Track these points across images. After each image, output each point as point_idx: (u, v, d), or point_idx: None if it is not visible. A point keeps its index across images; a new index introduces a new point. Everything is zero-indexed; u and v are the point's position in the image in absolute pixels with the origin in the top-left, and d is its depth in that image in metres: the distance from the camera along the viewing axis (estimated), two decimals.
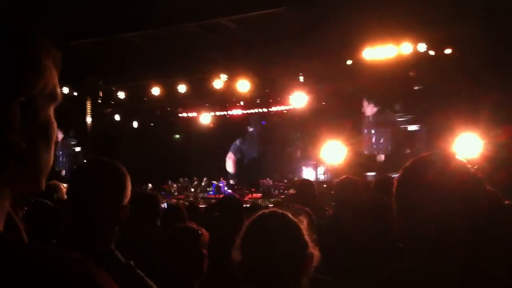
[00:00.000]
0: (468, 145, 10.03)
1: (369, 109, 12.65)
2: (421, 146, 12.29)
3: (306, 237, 1.97)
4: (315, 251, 1.95)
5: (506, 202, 3.32)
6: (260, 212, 2.04)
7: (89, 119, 15.45)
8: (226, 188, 14.94)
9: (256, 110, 17.41)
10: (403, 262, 1.50)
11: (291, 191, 13.01)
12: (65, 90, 15.30)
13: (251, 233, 1.98)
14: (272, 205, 6.24)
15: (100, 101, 15.89)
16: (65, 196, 6.45)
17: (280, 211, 2.07)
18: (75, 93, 15.41)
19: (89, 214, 1.94)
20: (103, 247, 1.95)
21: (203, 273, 2.86)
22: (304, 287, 1.92)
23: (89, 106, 15.48)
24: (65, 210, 2.05)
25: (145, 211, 3.88)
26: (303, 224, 2.01)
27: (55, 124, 0.93)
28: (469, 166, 1.49)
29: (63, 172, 15.12)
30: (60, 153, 15.93)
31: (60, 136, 15.57)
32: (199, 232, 2.95)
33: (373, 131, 13.43)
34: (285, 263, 1.89)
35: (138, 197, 4.04)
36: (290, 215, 2.02)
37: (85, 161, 2.24)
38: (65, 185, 10.24)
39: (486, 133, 9.86)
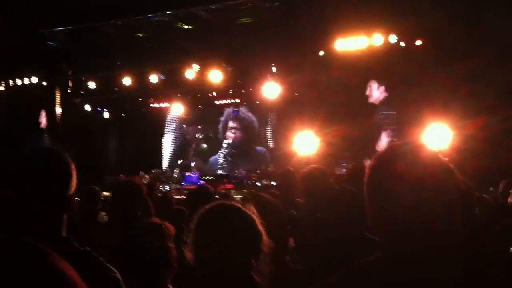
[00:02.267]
0: (438, 136, 10.17)
1: (378, 94, 12.17)
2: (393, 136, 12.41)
3: (255, 222, 1.94)
4: (265, 236, 1.93)
5: (476, 194, 3.38)
6: (206, 207, 2.00)
7: (58, 109, 15.19)
8: (199, 179, 14.89)
9: (228, 101, 17.35)
10: (374, 251, 1.50)
11: (265, 181, 13.10)
12: (34, 79, 15.04)
13: (201, 228, 1.94)
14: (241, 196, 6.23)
15: (69, 91, 15.63)
16: None
17: (228, 202, 2.04)
18: (44, 83, 15.14)
19: (35, 203, 1.93)
20: (54, 234, 1.94)
21: (172, 265, 2.82)
22: (266, 274, 1.90)
23: (59, 96, 15.21)
24: (14, 199, 2.04)
25: (127, 202, 3.82)
26: (253, 212, 1.99)
27: None
28: (441, 156, 1.50)
29: None
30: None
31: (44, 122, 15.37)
32: (162, 226, 2.94)
33: None
34: (239, 253, 1.86)
35: (122, 186, 4.00)
36: (236, 204, 2.00)
37: (31, 150, 2.21)
38: None
39: (455, 124, 10.02)
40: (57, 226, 1.97)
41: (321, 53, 12.32)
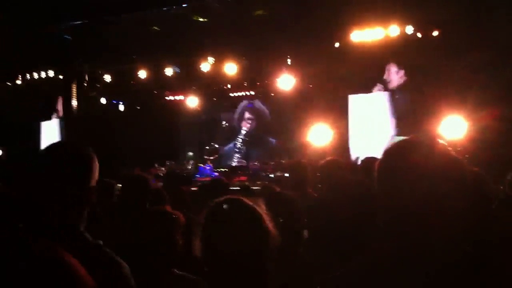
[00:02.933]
0: (453, 127, 10.09)
1: (397, 78, 11.94)
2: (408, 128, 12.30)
3: (265, 220, 1.94)
4: (275, 234, 1.92)
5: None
6: (214, 202, 2.00)
7: (74, 103, 15.32)
8: (213, 171, 14.94)
9: (243, 93, 17.40)
10: (386, 243, 1.51)
11: (278, 173, 13.10)
12: (51, 73, 15.17)
13: (209, 224, 1.94)
14: (260, 188, 6.24)
15: (85, 84, 15.74)
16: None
17: (236, 197, 2.04)
18: (60, 76, 15.26)
19: (54, 197, 1.93)
20: (71, 229, 1.94)
21: (177, 258, 2.82)
22: (270, 272, 1.90)
23: (75, 89, 15.33)
24: (32, 193, 2.04)
25: (136, 194, 3.87)
26: (261, 208, 1.98)
27: None
28: (451, 149, 1.50)
29: None
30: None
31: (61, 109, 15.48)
32: (173, 216, 2.92)
33: None
34: (246, 251, 1.85)
35: (130, 180, 4.04)
36: (245, 199, 1.99)
37: (52, 143, 2.19)
38: None
39: (471, 115, 9.92)
40: (74, 220, 1.97)
41: (337, 44, 12.26)
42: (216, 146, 16.59)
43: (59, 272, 0.79)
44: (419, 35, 11.38)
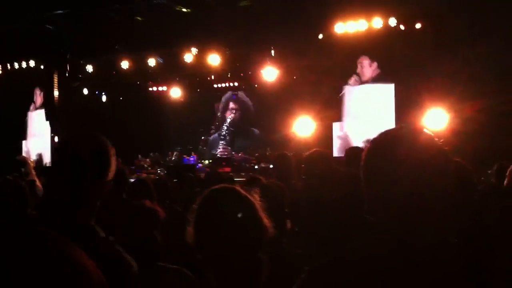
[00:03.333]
0: (435, 119, 10.19)
1: (370, 71, 11.92)
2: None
3: (258, 209, 1.94)
4: (268, 223, 1.93)
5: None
6: (210, 189, 1.99)
7: (56, 93, 15.15)
8: (197, 163, 14.93)
9: (226, 84, 17.38)
10: (373, 234, 1.52)
11: (263, 165, 13.13)
12: (32, 63, 14.98)
13: (203, 212, 1.94)
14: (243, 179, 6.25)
15: (67, 75, 15.57)
16: (32, 170, 6.39)
17: (231, 186, 2.03)
18: (42, 66, 15.08)
19: (73, 188, 1.90)
20: (83, 222, 1.91)
21: (159, 250, 2.81)
22: (264, 263, 1.90)
23: (56, 79, 15.17)
24: (49, 183, 2.00)
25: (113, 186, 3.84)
26: (255, 198, 1.98)
27: None
28: (436, 139, 1.51)
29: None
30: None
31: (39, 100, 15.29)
32: (153, 210, 2.90)
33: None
34: (239, 238, 1.85)
35: None
36: (240, 189, 1.98)
37: (69, 135, 2.14)
38: (33, 159, 10.03)
39: (454, 107, 10.02)
40: (87, 214, 1.93)
41: (320, 36, 12.28)
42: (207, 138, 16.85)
43: (66, 265, 0.79)
44: (402, 27, 11.44)
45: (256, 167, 13.55)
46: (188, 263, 2.56)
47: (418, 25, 11.26)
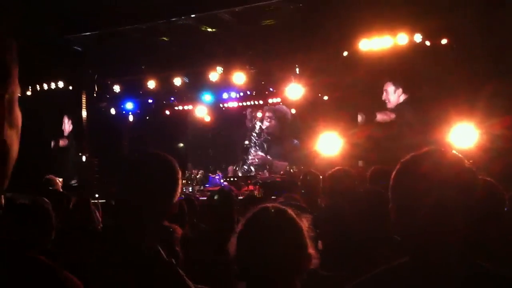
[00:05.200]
0: (463, 136, 10.01)
1: (395, 97, 11.84)
2: (418, 137, 12.23)
3: (306, 237, 1.89)
4: (313, 253, 1.88)
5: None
6: (260, 206, 1.96)
7: (84, 113, 15.40)
8: (222, 181, 14.92)
9: (251, 103, 17.39)
10: (401, 256, 1.50)
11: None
12: (61, 84, 15.25)
13: (248, 228, 1.91)
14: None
15: (95, 95, 15.84)
16: (60, 189, 6.47)
17: (282, 207, 1.99)
18: (70, 87, 15.36)
19: (141, 211, 1.85)
20: (150, 244, 1.87)
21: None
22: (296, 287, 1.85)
23: (84, 100, 15.42)
24: (115, 206, 1.97)
25: None
26: (304, 223, 1.93)
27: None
28: (464, 160, 1.51)
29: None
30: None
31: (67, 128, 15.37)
32: (170, 229, 2.90)
33: None
34: (280, 262, 1.81)
35: None
36: (292, 212, 1.94)
37: (137, 154, 2.10)
38: (60, 179, 10.16)
39: (482, 123, 9.85)
40: (153, 236, 1.89)
41: (345, 53, 12.26)
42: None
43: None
44: (427, 43, 11.35)
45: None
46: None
47: (444, 41, 11.17)
